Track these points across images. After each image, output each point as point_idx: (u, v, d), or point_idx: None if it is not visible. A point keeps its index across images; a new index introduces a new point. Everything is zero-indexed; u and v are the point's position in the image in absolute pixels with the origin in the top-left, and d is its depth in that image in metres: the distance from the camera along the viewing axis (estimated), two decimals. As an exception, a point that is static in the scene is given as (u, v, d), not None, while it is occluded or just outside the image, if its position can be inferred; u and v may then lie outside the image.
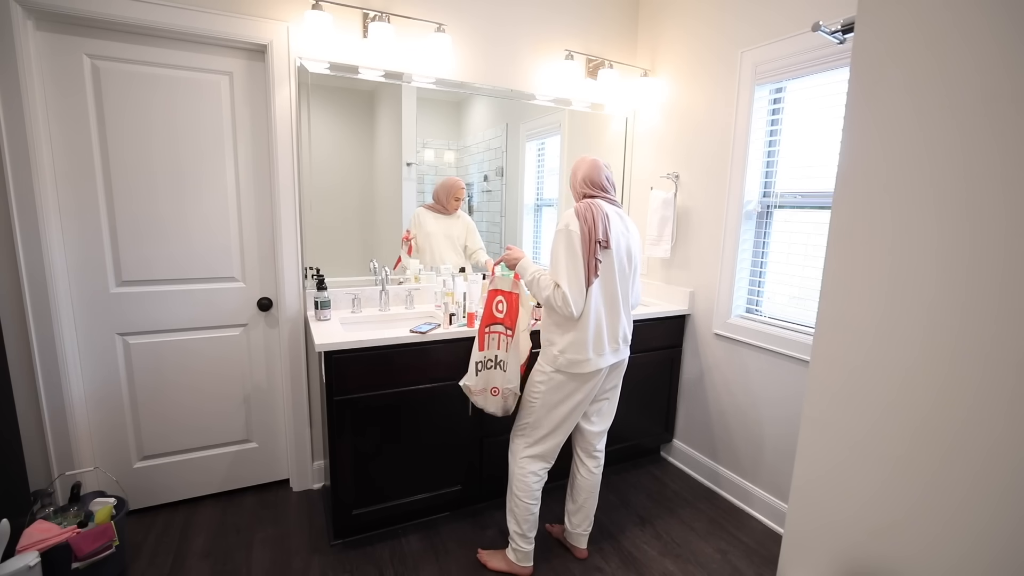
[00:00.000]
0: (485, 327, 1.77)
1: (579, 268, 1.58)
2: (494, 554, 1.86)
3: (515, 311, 1.76)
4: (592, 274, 1.60)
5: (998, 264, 0.66)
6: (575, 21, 2.56)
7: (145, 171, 1.91)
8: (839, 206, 0.84)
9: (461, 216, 2.49)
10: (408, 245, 2.38)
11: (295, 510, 2.16)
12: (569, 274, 1.58)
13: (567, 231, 1.59)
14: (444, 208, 2.43)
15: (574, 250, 1.58)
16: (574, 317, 1.61)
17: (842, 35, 1.03)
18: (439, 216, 2.44)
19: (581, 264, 1.59)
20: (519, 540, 1.78)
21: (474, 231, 2.55)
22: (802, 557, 0.95)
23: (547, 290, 1.61)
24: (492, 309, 1.77)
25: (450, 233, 2.47)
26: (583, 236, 1.58)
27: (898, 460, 0.78)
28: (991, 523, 0.68)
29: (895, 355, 0.77)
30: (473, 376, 1.78)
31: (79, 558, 1.56)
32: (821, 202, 1.98)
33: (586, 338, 1.64)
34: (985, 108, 0.67)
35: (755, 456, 2.22)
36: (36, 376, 1.82)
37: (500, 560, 1.83)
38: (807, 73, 1.93)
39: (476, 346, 1.78)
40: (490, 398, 1.79)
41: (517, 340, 1.76)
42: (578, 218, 1.60)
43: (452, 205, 2.44)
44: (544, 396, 1.71)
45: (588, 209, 1.61)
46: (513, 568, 1.80)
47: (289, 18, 1.98)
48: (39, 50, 1.73)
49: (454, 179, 2.43)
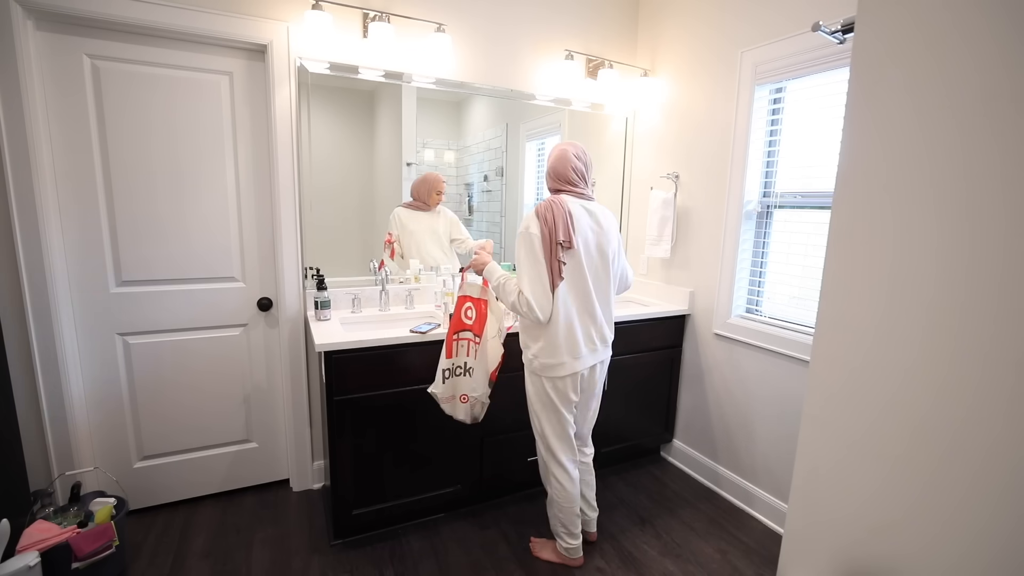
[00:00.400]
0: (453, 334, 1.75)
1: (542, 272, 1.55)
2: (545, 544, 1.91)
3: (483, 317, 1.74)
4: (556, 277, 1.56)
5: (998, 264, 0.66)
6: (575, 21, 2.56)
7: (145, 171, 1.91)
8: (839, 206, 0.84)
9: (442, 211, 2.45)
10: (391, 248, 2.35)
11: (295, 510, 2.16)
12: (531, 279, 1.55)
13: (527, 234, 1.55)
14: (425, 204, 2.38)
15: (535, 254, 1.54)
16: (542, 322, 1.58)
17: (842, 35, 1.03)
18: (420, 213, 2.39)
19: (544, 267, 1.55)
20: (569, 539, 1.83)
21: (457, 224, 2.49)
22: (802, 556, 0.95)
23: (512, 295, 1.59)
24: (461, 316, 1.75)
25: (435, 229, 2.43)
26: (543, 238, 1.54)
27: (898, 459, 0.78)
28: (990, 522, 0.68)
29: (895, 355, 0.77)
30: (440, 384, 1.76)
31: (79, 558, 1.56)
32: (821, 202, 1.98)
33: (558, 342, 1.61)
34: (985, 108, 0.67)
35: (755, 456, 2.22)
36: (36, 376, 1.82)
37: (551, 552, 1.88)
38: (807, 73, 1.93)
39: (444, 353, 1.76)
40: (459, 405, 1.78)
41: (485, 347, 1.74)
42: (538, 219, 1.55)
43: (433, 199, 2.38)
44: (539, 398, 1.72)
45: (548, 208, 1.56)
46: (566, 560, 1.86)
47: (289, 18, 1.98)
48: (39, 50, 1.73)
49: (433, 173, 2.38)
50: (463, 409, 1.79)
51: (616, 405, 2.43)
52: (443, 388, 1.77)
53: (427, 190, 2.37)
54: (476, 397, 1.75)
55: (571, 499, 1.77)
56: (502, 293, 1.63)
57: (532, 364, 1.67)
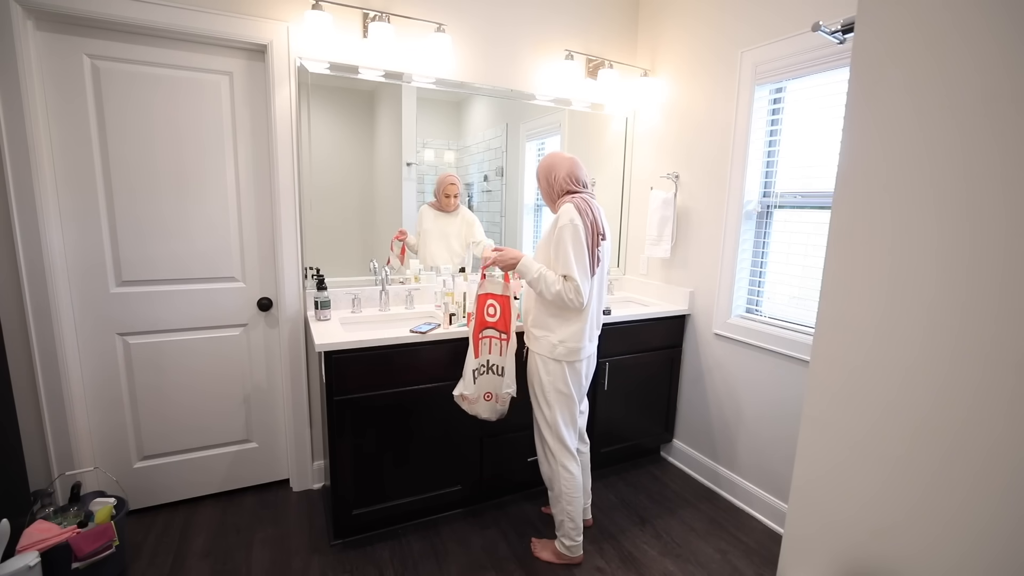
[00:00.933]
0: (479, 332, 1.77)
1: (585, 261, 1.66)
2: (546, 545, 1.92)
3: (508, 314, 1.77)
4: (595, 266, 1.69)
5: (998, 264, 0.66)
6: (575, 21, 2.56)
7: (145, 171, 1.91)
8: (839, 206, 0.84)
9: (460, 213, 2.48)
10: (401, 244, 2.36)
11: (295, 510, 2.16)
12: (579, 266, 1.65)
13: (573, 226, 1.64)
14: (440, 205, 2.42)
15: (580, 244, 1.65)
16: (583, 307, 1.70)
17: (842, 35, 1.03)
18: (438, 214, 2.43)
19: (587, 257, 1.66)
20: (575, 535, 1.85)
21: (474, 225, 2.52)
22: (802, 557, 0.95)
23: (556, 284, 1.66)
24: (483, 314, 1.77)
25: (446, 231, 2.45)
26: (587, 230, 1.66)
27: (898, 460, 0.78)
28: (991, 524, 0.68)
29: (895, 355, 0.77)
30: (471, 384, 1.79)
31: (79, 558, 1.56)
32: (821, 202, 1.98)
33: (584, 327, 1.74)
34: (985, 108, 0.67)
35: (755, 456, 2.22)
36: (36, 376, 1.82)
37: (552, 553, 1.89)
38: (807, 73, 1.93)
39: (471, 353, 1.78)
40: (483, 403, 1.81)
41: (512, 343, 1.77)
42: (580, 213, 1.66)
43: (444, 201, 2.41)
44: (555, 387, 1.76)
45: (586, 205, 1.69)
46: (568, 559, 1.87)
47: (289, 18, 1.98)
48: (39, 50, 1.73)
49: (445, 174, 2.41)
50: (487, 407, 1.83)
51: (616, 405, 2.43)
52: (473, 388, 1.80)
53: (439, 191, 2.40)
54: (507, 393, 1.80)
55: (579, 489, 1.82)
56: (543, 284, 1.67)
57: (555, 351, 1.73)
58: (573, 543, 1.85)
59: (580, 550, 1.87)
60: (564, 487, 1.80)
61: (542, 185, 1.82)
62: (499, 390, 1.79)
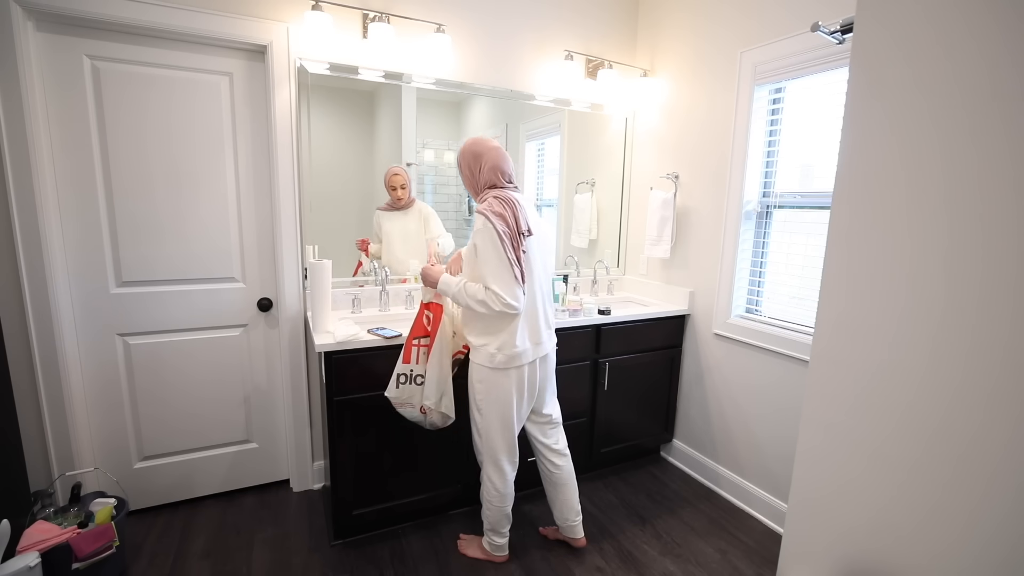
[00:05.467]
0: (413, 339, 1.75)
1: (507, 266, 1.56)
2: (471, 541, 1.94)
3: (438, 324, 1.74)
4: (522, 267, 1.60)
5: (998, 264, 0.66)
6: (575, 21, 2.56)
7: (145, 171, 1.91)
8: (839, 206, 0.84)
9: (416, 207, 2.34)
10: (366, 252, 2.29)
11: (295, 510, 2.16)
12: (501, 274, 1.55)
13: (487, 230, 1.55)
14: (392, 203, 2.30)
15: (498, 249, 1.55)
16: (518, 311, 1.60)
17: (841, 35, 1.03)
18: (393, 213, 2.31)
19: (507, 261, 1.56)
20: (494, 536, 1.86)
21: (432, 219, 2.37)
22: (802, 557, 0.95)
23: (479, 294, 1.58)
24: (421, 320, 1.76)
25: (406, 230, 2.33)
26: (508, 231, 1.56)
27: (898, 460, 0.78)
28: (1000, 528, 0.68)
29: (895, 355, 0.77)
30: (394, 388, 1.76)
31: (79, 559, 1.56)
32: (821, 202, 1.98)
33: (521, 330, 1.66)
34: (985, 107, 0.67)
35: (755, 456, 2.22)
36: (36, 376, 1.82)
37: (477, 548, 1.90)
38: (807, 73, 1.93)
39: (401, 357, 1.75)
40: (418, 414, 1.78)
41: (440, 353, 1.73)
42: (494, 216, 1.56)
43: (393, 197, 2.26)
44: (492, 396, 1.69)
45: (502, 204, 1.59)
46: (491, 557, 1.88)
47: (289, 19, 1.99)
48: (39, 51, 1.73)
49: (390, 166, 2.26)
50: (420, 419, 1.79)
51: (616, 405, 2.43)
52: (396, 393, 1.76)
53: (385, 188, 2.27)
54: (430, 407, 1.74)
55: (504, 500, 1.79)
56: (466, 298, 1.61)
57: (494, 359, 1.64)
58: (493, 544, 1.86)
59: (504, 551, 1.87)
60: (484, 494, 1.81)
61: (464, 172, 1.71)
62: (424, 403, 1.74)
